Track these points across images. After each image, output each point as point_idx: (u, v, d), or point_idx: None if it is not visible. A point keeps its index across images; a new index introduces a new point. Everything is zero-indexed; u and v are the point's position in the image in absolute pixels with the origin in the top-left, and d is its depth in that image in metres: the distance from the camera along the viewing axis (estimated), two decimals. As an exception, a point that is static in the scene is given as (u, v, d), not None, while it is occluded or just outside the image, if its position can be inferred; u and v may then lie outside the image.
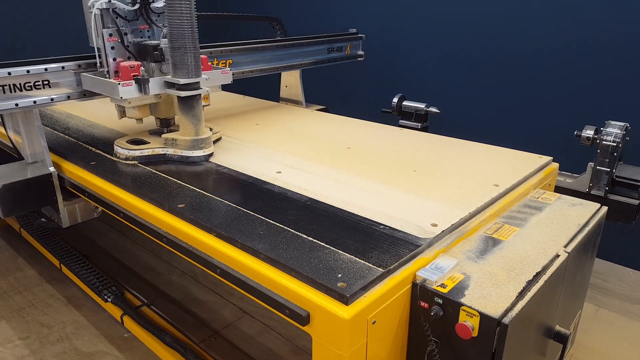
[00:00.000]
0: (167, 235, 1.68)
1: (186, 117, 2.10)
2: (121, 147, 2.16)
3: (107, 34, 2.07)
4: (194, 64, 2.02)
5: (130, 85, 1.99)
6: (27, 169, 2.15)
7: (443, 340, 1.36)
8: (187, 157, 2.14)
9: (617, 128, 2.41)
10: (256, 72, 2.93)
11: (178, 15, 1.95)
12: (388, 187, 1.90)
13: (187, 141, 2.13)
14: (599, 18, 2.98)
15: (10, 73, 1.95)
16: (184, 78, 2.00)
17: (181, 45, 1.97)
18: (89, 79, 2.11)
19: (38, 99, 2.06)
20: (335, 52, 3.43)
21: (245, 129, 2.66)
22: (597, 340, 2.47)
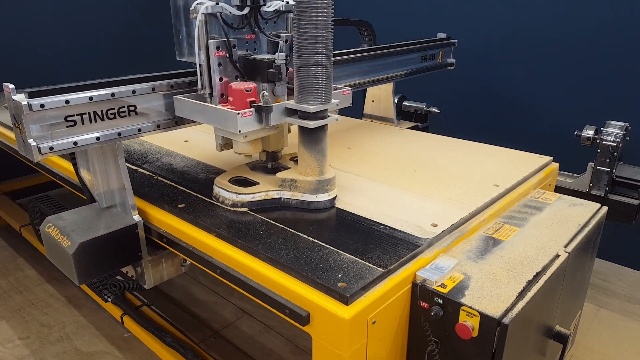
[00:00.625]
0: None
1: (310, 152, 1.66)
2: (225, 190, 1.72)
3: (215, 46, 1.61)
4: (326, 87, 1.58)
5: (250, 115, 1.55)
6: (103, 217, 1.71)
7: (443, 340, 1.36)
8: (310, 202, 1.70)
9: (617, 128, 2.41)
10: (354, 87, 2.39)
11: (312, 23, 1.50)
12: (388, 187, 1.90)
13: (311, 183, 1.69)
14: (599, 18, 2.98)
15: (92, 98, 1.52)
16: (314, 104, 1.57)
17: (314, 63, 1.54)
18: (188, 104, 1.66)
19: (123, 130, 1.62)
20: (427, 60, 2.99)
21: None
22: (597, 340, 2.47)
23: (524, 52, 3.33)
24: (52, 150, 1.47)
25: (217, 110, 1.59)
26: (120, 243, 1.66)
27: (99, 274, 1.67)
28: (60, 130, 1.49)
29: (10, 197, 3.64)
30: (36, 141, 1.44)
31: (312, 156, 1.67)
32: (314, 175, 1.70)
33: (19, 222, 3.27)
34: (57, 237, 1.62)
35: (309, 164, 1.68)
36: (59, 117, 1.47)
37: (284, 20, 1.84)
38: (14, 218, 3.33)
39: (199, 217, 1.63)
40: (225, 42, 1.63)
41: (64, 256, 1.58)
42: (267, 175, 1.81)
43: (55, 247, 1.63)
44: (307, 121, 1.59)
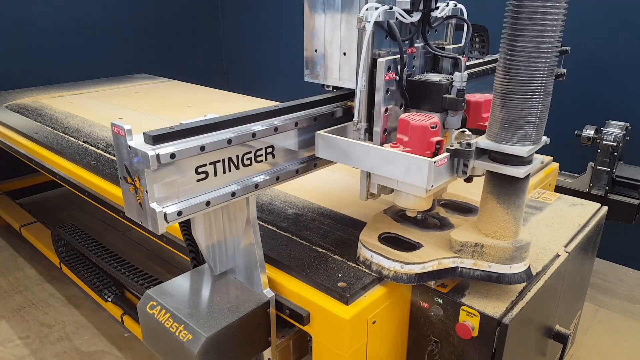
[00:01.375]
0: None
1: (507, 208, 1.24)
2: (382, 255, 1.30)
3: (386, 66, 1.22)
4: (540, 121, 1.15)
5: (444, 163, 1.17)
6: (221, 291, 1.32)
7: (443, 340, 1.36)
8: (501, 275, 1.27)
9: (617, 128, 2.41)
10: None
11: (537, 36, 1.08)
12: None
13: (505, 249, 1.25)
14: (599, 18, 2.98)
15: (230, 141, 1.12)
16: (525, 145, 1.15)
17: (529, 90, 1.11)
18: (342, 143, 1.27)
19: (260, 180, 1.23)
20: None
21: None
22: (597, 340, 2.47)
23: (524, 52, 3.33)
24: (180, 216, 1.07)
25: (396, 155, 1.18)
26: (250, 328, 1.26)
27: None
28: (189, 186, 1.10)
29: (10, 197, 3.64)
30: (160, 204, 1.04)
31: (508, 214, 1.24)
32: (508, 237, 1.26)
33: (19, 222, 3.27)
34: (169, 324, 1.23)
35: (503, 224, 1.25)
36: (189, 169, 1.08)
37: (443, 28, 1.50)
38: (14, 218, 3.33)
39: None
40: (395, 61, 1.24)
41: (181, 352, 1.19)
42: (425, 232, 1.40)
43: (164, 337, 1.24)
44: (514, 168, 1.16)
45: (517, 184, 1.22)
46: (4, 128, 2.72)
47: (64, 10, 3.91)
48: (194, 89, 3.73)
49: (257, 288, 1.31)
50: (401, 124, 1.21)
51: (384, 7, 1.21)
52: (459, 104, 1.25)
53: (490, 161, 1.21)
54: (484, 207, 1.29)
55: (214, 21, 5.05)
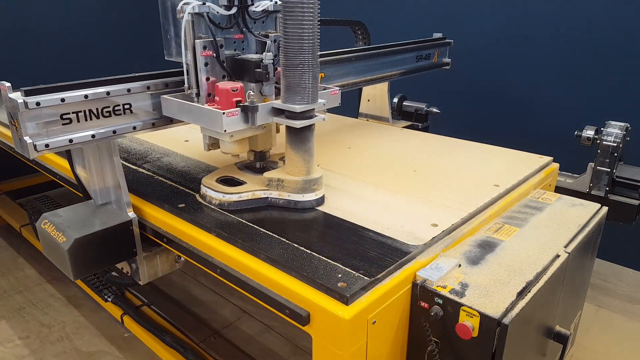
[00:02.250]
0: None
1: (297, 152, 1.66)
2: (213, 190, 1.72)
3: (201, 46, 1.61)
4: (313, 87, 1.58)
5: (236, 115, 1.54)
6: (98, 214, 1.72)
7: (443, 340, 1.36)
8: (296, 202, 1.70)
9: (617, 128, 2.41)
10: (348, 85, 2.43)
11: (298, 24, 1.50)
12: (388, 187, 1.90)
13: (297, 182, 1.69)
14: (599, 18, 2.98)
15: (87, 96, 1.54)
16: (300, 104, 1.56)
17: (300, 63, 1.53)
18: (175, 103, 1.66)
19: (118, 128, 1.63)
20: (423, 60, 2.98)
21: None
22: (597, 340, 2.47)
23: (524, 52, 3.33)
24: (47, 148, 1.48)
25: (202, 109, 1.59)
26: (114, 239, 1.68)
27: (94, 269, 1.69)
28: (56, 127, 1.50)
29: (10, 197, 3.64)
30: (32, 139, 1.45)
31: (299, 156, 1.67)
32: (300, 174, 1.69)
33: (19, 222, 3.27)
34: (53, 233, 1.63)
35: (296, 164, 1.68)
36: (54, 115, 1.49)
37: (272, 20, 1.84)
38: (14, 218, 3.34)
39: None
40: (212, 42, 1.64)
41: (59, 252, 1.60)
42: (255, 175, 1.81)
43: (50, 243, 1.65)
44: (294, 121, 1.58)
45: (301, 133, 1.64)
46: (4, 128, 2.72)
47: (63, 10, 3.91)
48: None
49: (123, 212, 1.71)
50: (215, 89, 1.63)
51: (197, 3, 1.58)
52: (264, 76, 1.65)
53: (283, 117, 1.61)
54: (286, 153, 1.71)
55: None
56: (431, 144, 2.45)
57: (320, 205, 1.73)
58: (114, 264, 1.82)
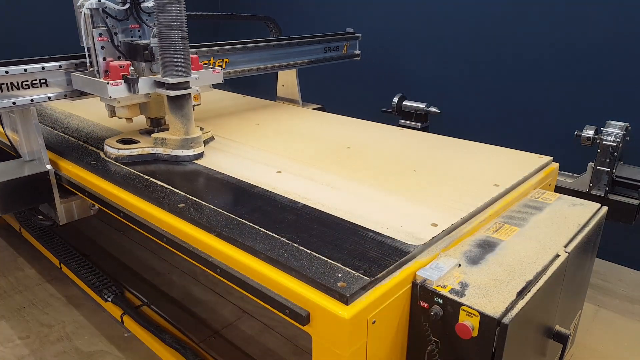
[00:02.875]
0: (167, 235, 1.68)
1: (175, 116, 2.11)
2: (111, 147, 2.17)
3: (97, 33, 2.06)
4: (184, 64, 2.03)
5: (120, 85, 1.98)
6: (25, 167, 2.15)
7: (443, 340, 1.36)
8: (177, 156, 2.15)
9: (617, 128, 2.41)
10: (253, 71, 2.94)
11: (167, 15, 1.95)
12: (388, 187, 1.90)
13: (177, 140, 2.14)
14: (599, 18, 2.98)
15: (7, 72, 1.95)
16: (173, 77, 2.02)
17: (170, 45, 1.99)
18: (79, 78, 2.09)
19: (35, 97, 2.05)
20: (332, 51, 3.42)
21: (243, 129, 2.65)
22: (597, 340, 2.47)
23: (524, 52, 3.33)
24: None
25: (96, 82, 2.02)
26: (34, 186, 2.12)
27: (17, 208, 2.20)
28: None
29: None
30: None
31: (177, 119, 2.12)
32: (180, 134, 2.14)
33: (18, 221, 3.27)
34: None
35: (176, 126, 2.14)
36: None
37: None
38: (14, 218, 3.33)
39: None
40: (107, 30, 2.08)
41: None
42: (148, 137, 2.24)
43: None
44: (169, 91, 2.03)
45: (178, 101, 2.09)
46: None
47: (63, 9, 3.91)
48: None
49: (43, 165, 2.15)
50: (109, 67, 2.05)
51: (94, 0, 2.01)
52: (150, 57, 2.10)
53: (162, 88, 2.05)
54: (168, 118, 2.17)
55: (214, 21, 5.04)
56: (431, 143, 2.45)
57: (199, 159, 2.17)
58: (33, 205, 2.26)
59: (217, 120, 2.81)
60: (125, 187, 1.91)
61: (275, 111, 3.08)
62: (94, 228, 3.59)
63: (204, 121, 2.74)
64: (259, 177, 1.97)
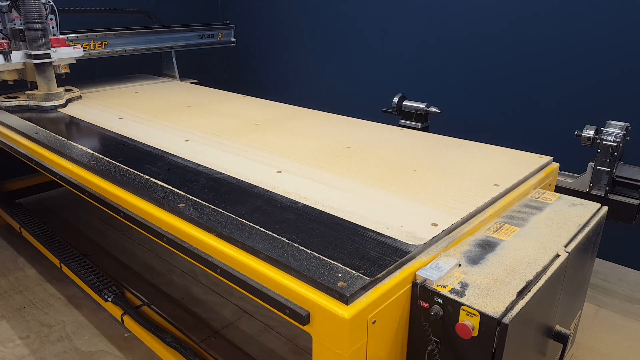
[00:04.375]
0: (167, 235, 1.68)
1: (40, 78, 3.05)
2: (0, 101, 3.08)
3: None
4: (44, 41, 2.95)
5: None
6: None
7: (443, 340, 1.36)
8: (42, 106, 3.05)
9: (617, 128, 2.40)
10: (129, 51, 3.75)
11: (29, 9, 2.87)
12: (388, 187, 1.90)
13: (41, 95, 3.06)
14: (599, 18, 2.98)
15: None
16: (35, 51, 2.94)
17: (31, 28, 2.90)
18: None
19: None
20: (206, 38, 4.20)
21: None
22: (597, 340, 2.47)
23: (524, 52, 3.33)
24: None
25: None
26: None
27: None
28: None
29: (10, 197, 3.64)
30: None
31: (41, 80, 3.06)
32: (43, 91, 3.08)
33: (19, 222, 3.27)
34: None
35: (41, 85, 3.08)
36: None
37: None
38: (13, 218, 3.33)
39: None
40: None
41: None
42: None
43: None
44: (33, 60, 2.96)
45: (41, 67, 3.05)
46: (3, 128, 2.72)
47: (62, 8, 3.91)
48: (194, 88, 3.73)
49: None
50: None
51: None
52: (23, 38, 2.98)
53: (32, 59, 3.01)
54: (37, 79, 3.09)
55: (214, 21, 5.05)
56: (431, 143, 2.45)
57: (61, 109, 3.08)
58: None
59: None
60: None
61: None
62: (94, 228, 3.59)
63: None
64: (259, 177, 1.98)
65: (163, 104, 3.21)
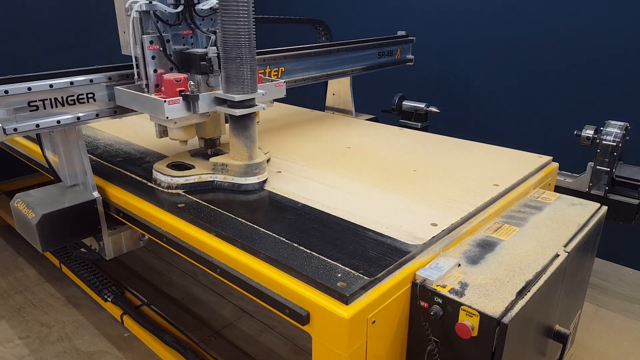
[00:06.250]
0: (167, 235, 1.68)
1: (239, 138, 1.80)
2: (162, 174, 1.86)
3: (148, 41, 1.75)
4: (251, 78, 1.71)
5: (178, 103, 1.68)
6: (67, 194, 1.86)
7: (443, 340, 1.36)
8: (240, 184, 1.84)
9: (617, 128, 2.41)
10: (309, 80, 2.65)
11: (234, 20, 1.63)
12: (387, 187, 1.90)
13: (240, 166, 1.83)
14: (599, 18, 2.98)
15: (52, 85, 1.69)
16: (239, 94, 1.70)
17: (237, 56, 1.66)
18: (125, 93, 1.79)
19: (82, 115, 1.78)
20: (385, 56, 3.16)
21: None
22: (597, 340, 2.47)
23: (523, 52, 3.33)
24: (15, 132, 1.64)
25: (148, 98, 1.72)
26: (80, 216, 1.83)
27: (61, 243, 1.85)
28: (24, 114, 1.67)
29: (10, 197, 3.64)
30: (2, 123, 1.61)
31: (240, 142, 1.81)
32: (243, 159, 1.84)
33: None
34: (24, 210, 1.79)
35: (238, 150, 1.83)
36: (22, 102, 1.65)
37: None
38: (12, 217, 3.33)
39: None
40: (158, 37, 1.77)
41: (29, 227, 1.75)
42: (203, 161, 1.96)
43: (22, 220, 1.81)
44: (234, 109, 1.71)
45: (242, 121, 1.77)
46: None
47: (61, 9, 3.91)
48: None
49: (89, 192, 1.87)
50: (161, 80, 1.73)
51: (144, 1, 1.70)
52: (208, 68, 1.78)
53: (224, 106, 1.74)
54: (230, 139, 1.83)
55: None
56: (431, 143, 2.45)
57: (263, 187, 1.88)
58: (79, 239, 1.96)
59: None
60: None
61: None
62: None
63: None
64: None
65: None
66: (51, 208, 1.74)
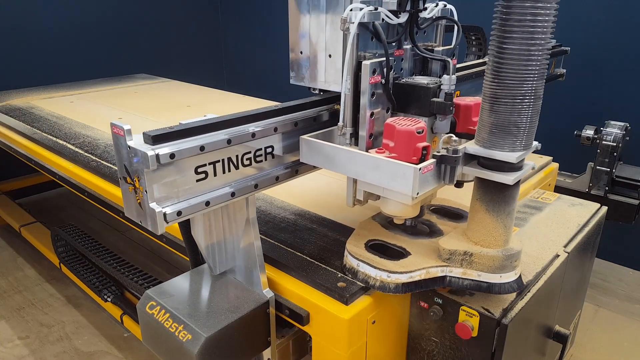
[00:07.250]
0: (166, 235, 1.67)
1: (497, 216, 1.20)
2: (368, 264, 1.25)
3: (371, 69, 1.19)
4: (530, 126, 1.13)
5: (431, 170, 1.12)
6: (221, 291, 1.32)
7: (443, 340, 1.36)
8: (491, 284, 1.23)
9: (617, 128, 2.41)
10: None
11: (527, 38, 1.02)
12: (388, 187, 1.88)
13: (495, 258, 1.21)
14: (599, 18, 2.98)
15: (230, 141, 1.12)
16: (515, 151, 1.14)
17: (525, 93, 1.06)
18: (327, 149, 1.23)
19: (260, 179, 1.23)
20: None
21: None
22: (597, 340, 2.47)
23: (523, 52, 3.32)
24: (180, 216, 1.07)
25: (377, 161, 1.13)
26: (249, 329, 1.25)
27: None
28: (189, 186, 1.09)
29: (10, 197, 3.64)
30: (160, 204, 1.03)
31: (498, 221, 1.19)
32: (498, 245, 1.21)
33: (19, 222, 3.27)
34: (168, 324, 1.24)
35: (492, 232, 1.21)
36: (188, 169, 1.08)
37: (433, 29, 1.44)
38: (14, 218, 3.33)
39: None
40: (381, 64, 1.20)
41: (179, 352, 1.20)
42: (413, 239, 1.36)
43: (164, 337, 1.24)
44: (503, 175, 1.13)
45: (507, 190, 1.19)
46: (3, 128, 2.72)
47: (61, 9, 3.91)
48: (194, 89, 3.73)
49: (256, 288, 1.31)
50: (387, 129, 1.17)
51: (368, 8, 1.18)
52: (447, 108, 1.22)
53: (479, 167, 1.17)
54: (473, 214, 1.25)
55: (214, 21, 5.05)
56: (431, 143, 2.45)
57: (521, 288, 1.28)
58: None
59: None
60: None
61: None
62: (93, 228, 3.59)
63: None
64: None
65: (163, 104, 3.15)
66: (216, 324, 1.18)
